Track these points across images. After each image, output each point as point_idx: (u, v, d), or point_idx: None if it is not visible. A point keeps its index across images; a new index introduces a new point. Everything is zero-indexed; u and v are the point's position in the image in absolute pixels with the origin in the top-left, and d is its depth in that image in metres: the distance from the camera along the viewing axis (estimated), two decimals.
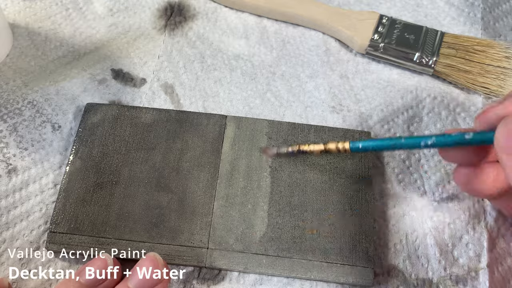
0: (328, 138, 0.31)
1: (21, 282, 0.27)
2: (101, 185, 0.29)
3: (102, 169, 0.30)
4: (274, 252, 0.27)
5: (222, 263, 0.27)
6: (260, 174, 0.30)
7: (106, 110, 0.32)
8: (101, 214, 0.28)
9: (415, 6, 0.38)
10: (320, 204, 0.29)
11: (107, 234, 0.28)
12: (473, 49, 0.34)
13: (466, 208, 0.30)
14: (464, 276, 0.28)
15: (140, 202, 0.29)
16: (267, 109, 0.34)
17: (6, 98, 0.33)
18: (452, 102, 0.34)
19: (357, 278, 0.27)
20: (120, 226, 0.28)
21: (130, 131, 0.31)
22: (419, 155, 0.32)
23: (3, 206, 0.29)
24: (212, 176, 0.30)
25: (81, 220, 0.28)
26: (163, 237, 0.28)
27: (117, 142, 0.31)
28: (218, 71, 0.35)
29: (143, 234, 0.28)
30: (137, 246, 0.27)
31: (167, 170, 0.30)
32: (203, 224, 0.28)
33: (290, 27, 0.37)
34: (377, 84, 0.35)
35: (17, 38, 0.36)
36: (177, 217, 0.28)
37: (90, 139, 0.31)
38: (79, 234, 0.28)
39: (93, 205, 0.28)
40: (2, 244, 0.28)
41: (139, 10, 0.38)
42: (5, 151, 0.31)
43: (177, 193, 0.29)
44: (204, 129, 0.31)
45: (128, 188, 0.29)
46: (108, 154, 0.30)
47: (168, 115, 0.32)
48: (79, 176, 0.29)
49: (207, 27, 0.37)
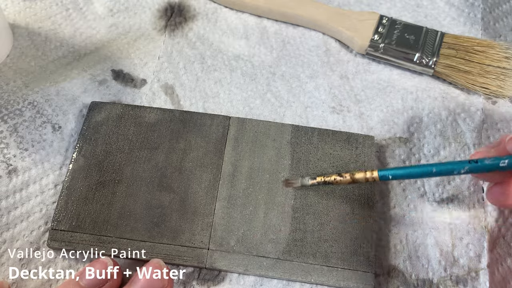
0: (331, 141, 0.31)
1: (21, 282, 0.27)
2: (104, 184, 0.29)
3: (105, 168, 0.30)
4: (275, 255, 0.27)
5: (223, 264, 0.27)
6: (262, 176, 0.30)
7: (110, 109, 0.32)
8: (103, 213, 0.28)
9: (415, 6, 0.38)
10: (322, 207, 0.29)
11: (108, 233, 0.28)
12: (473, 49, 0.34)
13: (466, 209, 0.30)
14: (465, 277, 0.28)
15: (141, 201, 0.29)
16: (267, 109, 0.34)
17: (7, 98, 0.33)
18: (452, 102, 0.34)
19: (357, 283, 0.27)
20: (122, 225, 0.28)
21: (134, 130, 0.31)
22: (419, 155, 0.32)
23: (3, 207, 0.29)
24: (214, 177, 0.30)
25: (82, 218, 0.28)
26: (164, 237, 0.28)
27: (121, 141, 0.31)
28: (218, 71, 0.35)
29: (144, 234, 0.28)
30: (137, 245, 0.27)
31: (169, 170, 0.30)
32: (204, 225, 0.28)
33: (290, 27, 0.37)
34: (377, 84, 0.35)
35: (17, 38, 0.36)
36: (179, 217, 0.28)
37: (94, 137, 0.31)
38: (81, 232, 0.28)
39: (95, 203, 0.29)
40: (2, 244, 0.28)
41: (139, 11, 0.38)
42: (5, 151, 0.31)
43: (179, 193, 0.29)
44: (208, 130, 0.31)
45: (130, 187, 0.29)
46: (111, 153, 0.30)
47: (172, 115, 0.32)
48: (82, 174, 0.29)
49: (207, 28, 0.37)
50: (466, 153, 0.32)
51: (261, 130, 0.31)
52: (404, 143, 0.32)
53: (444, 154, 0.32)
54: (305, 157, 0.30)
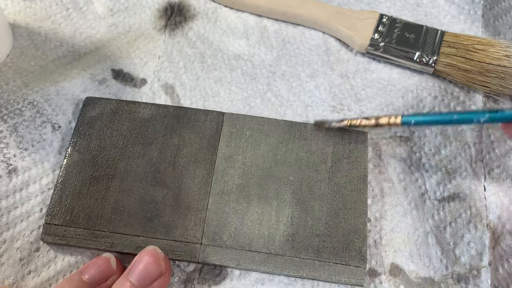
0: (324, 136, 0.31)
1: (21, 282, 0.27)
2: (98, 179, 0.29)
3: (99, 163, 0.30)
4: (267, 250, 0.27)
5: (215, 259, 0.27)
6: (256, 171, 0.30)
7: (105, 104, 0.32)
8: (97, 207, 0.28)
9: (415, 5, 0.38)
10: (314, 202, 0.29)
11: (102, 227, 0.28)
12: (474, 48, 0.34)
13: (468, 207, 0.30)
14: (466, 275, 0.28)
15: (135, 196, 0.29)
16: (268, 108, 0.34)
17: (7, 98, 0.33)
18: (452, 101, 0.34)
19: (349, 278, 0.27)
20: (115, 219, 0.28)
21: (128, 125, 0.31)
22: (420, 154, 0.32)
23: (3, 207, 0.29)
24: (207, 172, 0.30)
25: (76, 212, 0.28)
26: (157, 232, 0.28)
27: (115, 136, 0.31)
28: (219, 71, 0.35)
29: (138, 228, 0.28)
30: (131, 240, 0.28)
31: (163, 165, 0.30)
32: (197, 220, 0.28)
33: (290, 26, 0.37)
34: (378, 83, 0.35)
35: (17, 38, 0.36)
36: (172, 212, 0.28)
37: (88, 132, 0.31)
38: (74, 226, 0.28)
39: (89, 198, 0.29)
40: (2, 244, 0.28)
41: (139, 10, 0.38)
42: (5, 151, 0.31)
43: (172, 189, 0.29)
44: (202, 126, 0.31)
45: (124, 182, 0.29)
46: (105, 148, 0.30)
47: (166, 111, 0.32)
48: (76, 169, 0.29)
49: (207, 27, 0.37)
50: (467, 152, 0.32)
51: (255, 126, 0.31)
52: (404, 141, 0.32)
53: (445, 153, 0.32)
54: (298, 152, 0.30)
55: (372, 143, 0.32)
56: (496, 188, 0.30)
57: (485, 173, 0.31)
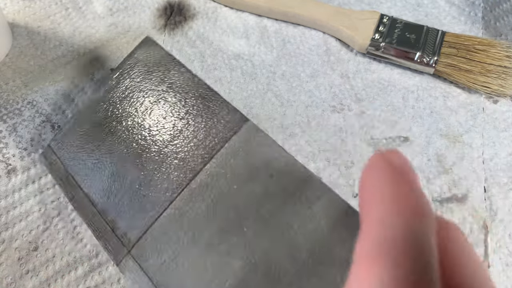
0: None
1: (19, 282, 0.27)
2: (101, 124, 0.27)
3: (110, 111, 0.28)
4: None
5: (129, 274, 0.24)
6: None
7: (155, 51, 0.29)
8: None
9: (415, 5, 0.38)
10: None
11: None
12: (474, 48, 0.33)
13: (469, 209, 0.30)
14: None
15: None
16: (268, 108, 0.33)
17: (6, 98, 0.33)
18: (453, 101, 0.34)
19: None
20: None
21: (156, 84, 0.28)
22: (420, 155, 0.31)
23: (2, 207, 0.29)
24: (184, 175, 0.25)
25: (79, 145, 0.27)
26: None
27: (143, 91, 0.28)
28: (218, 70, 0.35)
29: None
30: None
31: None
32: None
33: (291, 26, 0.37)
34: (378, 83, 0.35)
35: (16, 37, 0.36)
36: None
37: (128, 72, 0.28)
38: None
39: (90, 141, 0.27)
40: (1, 244, 0.28)
41: (138, 10, 0.38)
42: (4, 151, 0.31)
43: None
44: (220, 119, 0.26)
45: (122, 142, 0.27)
46: (128, 98, 0.28)
47: (196, 86, 0.28)
48: (92, 109, 0.28)
49: (207, 27, 0.37)
50: (467, 152, 0.32)
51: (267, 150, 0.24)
52: (404, 142, 0.32)
53: (445, 154, 0.31)
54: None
55: (373, 143, 0.32)
56: (496, 190, 0.30)
57: (486, 174, 0.31)
